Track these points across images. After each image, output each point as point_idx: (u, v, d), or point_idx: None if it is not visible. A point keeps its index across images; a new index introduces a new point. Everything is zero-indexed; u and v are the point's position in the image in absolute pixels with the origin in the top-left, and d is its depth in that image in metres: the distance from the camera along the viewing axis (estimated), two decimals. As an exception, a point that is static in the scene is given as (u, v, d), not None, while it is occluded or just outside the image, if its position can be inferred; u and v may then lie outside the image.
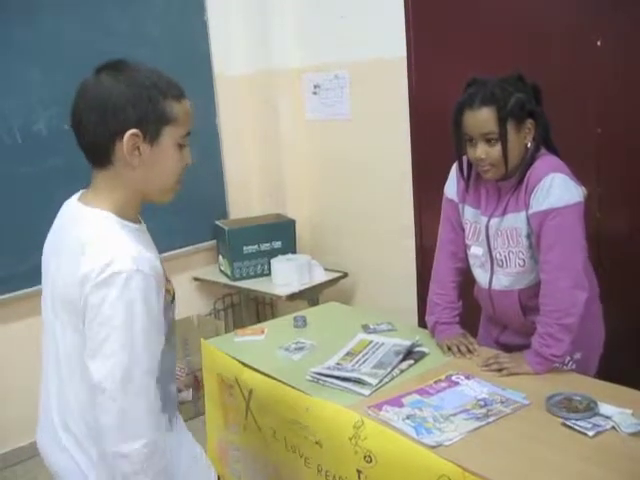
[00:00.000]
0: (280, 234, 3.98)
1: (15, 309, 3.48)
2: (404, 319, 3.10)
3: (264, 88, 4.17)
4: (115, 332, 1.36)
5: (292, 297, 3.71)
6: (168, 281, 1.56)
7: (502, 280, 2.24)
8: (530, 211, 2.10)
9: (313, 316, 2.81)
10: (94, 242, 1.42)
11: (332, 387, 2.15)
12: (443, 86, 3.36)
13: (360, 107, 3.84)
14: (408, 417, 1.89)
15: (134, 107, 1.40)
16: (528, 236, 2.14)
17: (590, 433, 1.74)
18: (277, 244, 3.96)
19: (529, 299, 2.21)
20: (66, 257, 1.47)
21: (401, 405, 1.97)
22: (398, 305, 3.69)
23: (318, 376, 2.21)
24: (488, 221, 2.22)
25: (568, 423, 1.80)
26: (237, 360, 2.36)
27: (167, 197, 1.56)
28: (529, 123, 2.09)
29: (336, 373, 2.20)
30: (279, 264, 3.82)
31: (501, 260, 2.22)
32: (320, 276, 3.88)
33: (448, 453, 1.71)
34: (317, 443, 2.02)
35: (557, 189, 2.04)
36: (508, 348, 2.31)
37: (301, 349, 2.46)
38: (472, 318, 2.49)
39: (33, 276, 3.33)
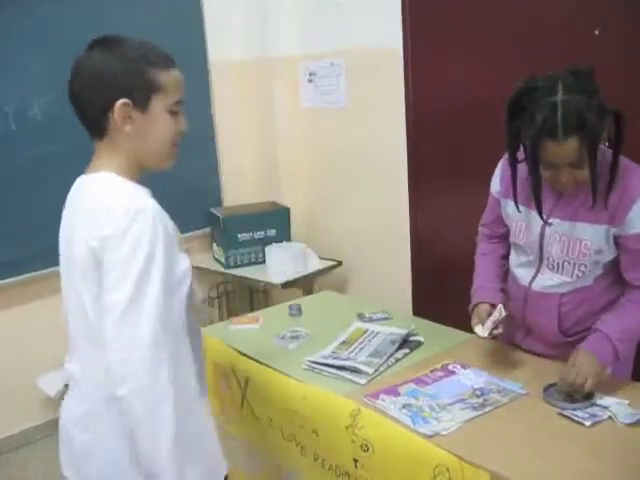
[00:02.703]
0: (275, 222, 3.96)
1: (12, 295, 3.47)
2: (398, 307, 3.11)
3: (259, 75, 4.15)
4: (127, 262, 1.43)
5: (286, 285, 3.70)
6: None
7: (546, 281, 2.06)
8: (632, 231, 1.89)
9: (308, 305, 2.81)
10: (103, 199, 1.50)
11: (328, 376, 2.15)
12: (439, 76, 3.36)
13: (356, 95, 3.82)
14: (404, 406, 1.89)
15: (123, 78, 1.50)
16: (599, 252, 1.96)
17: (587, 423, 1.75)
18: (271, 232, 3.95)
19: (570, 305, 2.04)
20: (80, 224, 1.53)
21: (397, 394, 1.97)
22: (393, 293, 3.69)
23: (314, 365, 2.20)
24: (545, 220, 1.99)
25: (565, 413, 1.80)
26: (233, 349, 2.36)
27: (165, 163, 1.62)
28: (606, 123, 1.81)
29: (332, 362, 2.20)
30: (273, 252, 3.80)
31: (552, 266, 2.04)
32: (314, 264, 3.87)
33: (445, 442, 1.71)
34: (314, 432, 2.03)
35: None
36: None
37: (296, 338, 2.46)
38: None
39: (30, 263, 3.38)
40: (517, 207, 2.03)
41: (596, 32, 2.75)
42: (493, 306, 2.09)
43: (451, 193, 3.47)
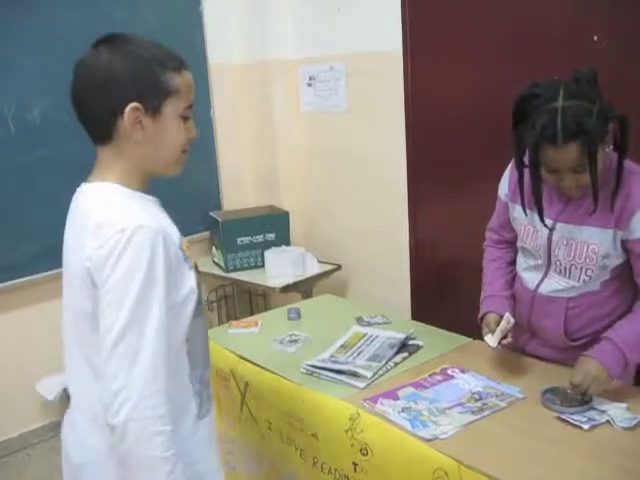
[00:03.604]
0: (274, 226, 3.97)
1: (11, 299, 3.47)
2: (397, 311, 3.11)
3: (259, 79, 4.15)
4: (119, 287, 1.33)
5: (286, 289, 3.70)
6: (188, 247, 1.53)
7: (553, 285, 2.05)
8: (636, 236, 1.89)
9: (307, 308, 2.81)
10: (99, 213, 1.40)
11: (327, 380, 2.15)
12: (439, 80, 3.37)
13: (355, 99, 3.83)
14: (403, 410, 1.89)
15: (134, 81, 1.39)
16: (607, 256, 1.94)
17: (585, 427, 1.75)
18: (271, 236, 3.95)
19: (576, 310, 2.03)
20: (76, 239, 1.45)
21: (396, 398, 1.97)
22: (392, 298, 3.69)
23: (313, 369, 2.20)
24: (552, 226, 2.00)
25: (563, 417, 1.80)
26: (232, 352, 2.36)
27: (173, 170, 1.54)
28: (610, 128, 1.81)
29: (330, 366, 2.20)
30: (273, 256, 3.81)
31: (560, 270, 2.03)
32: (314, 268, 3.87)
33: (443, 446, 1.72)
34: (313, 436, 2.03)
35: None
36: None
37: (295, 342, 2.46)
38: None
39: (28, 266, 3.38)
40: (524, 210, 2.03)
41: (595, 38, 2.75)
42: (502, 315, 2.09)
43: (450, 197, 3.48)
